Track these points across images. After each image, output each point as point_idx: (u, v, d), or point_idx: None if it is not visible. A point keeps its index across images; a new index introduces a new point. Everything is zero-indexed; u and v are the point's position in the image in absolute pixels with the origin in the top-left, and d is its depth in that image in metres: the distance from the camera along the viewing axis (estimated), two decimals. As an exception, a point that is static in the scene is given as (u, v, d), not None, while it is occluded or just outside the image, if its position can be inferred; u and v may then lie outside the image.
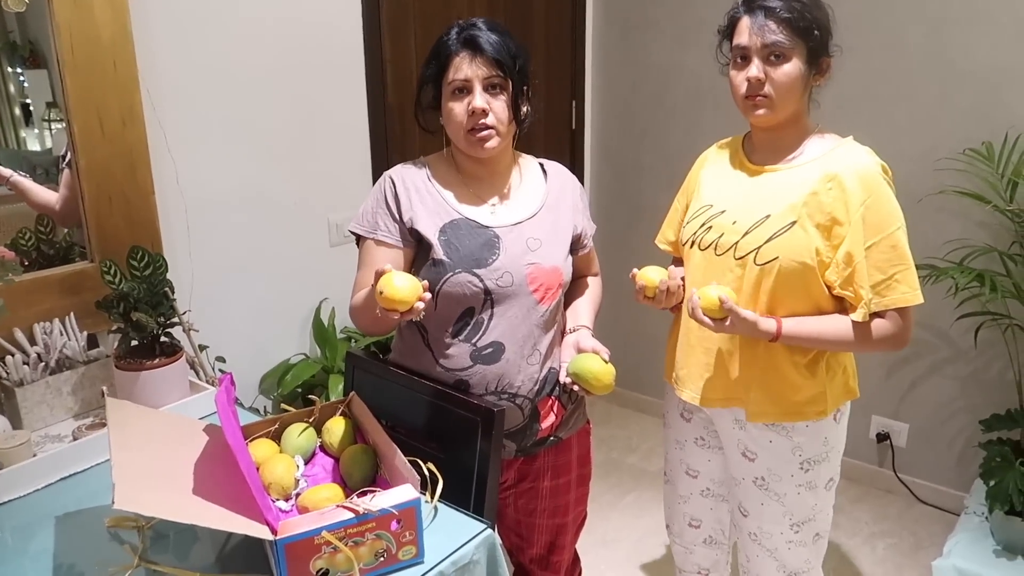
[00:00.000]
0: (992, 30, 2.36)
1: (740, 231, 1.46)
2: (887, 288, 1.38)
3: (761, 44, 1.37)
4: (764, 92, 1.39)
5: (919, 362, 2.71)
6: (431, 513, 1.26)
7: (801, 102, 1.43)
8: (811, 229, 1.39)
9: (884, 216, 1.37)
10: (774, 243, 1.41)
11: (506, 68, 1.38)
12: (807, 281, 1.41)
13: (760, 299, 1.44)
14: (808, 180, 1.41)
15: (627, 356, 3.35)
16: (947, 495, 2.74)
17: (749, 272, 1.44)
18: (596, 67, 3.27)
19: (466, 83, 1.38)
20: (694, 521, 1.77)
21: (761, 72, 1.38)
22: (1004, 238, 2.38)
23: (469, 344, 1.44)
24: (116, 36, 1.69)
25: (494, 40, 1.38)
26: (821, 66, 1.42)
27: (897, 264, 1.37)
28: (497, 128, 1.40)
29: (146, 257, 1.65)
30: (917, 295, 1.39)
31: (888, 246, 1.37)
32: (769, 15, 1.36)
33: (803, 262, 1.40)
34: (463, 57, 1.37)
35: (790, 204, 1.41)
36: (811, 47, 1.37)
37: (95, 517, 1.29)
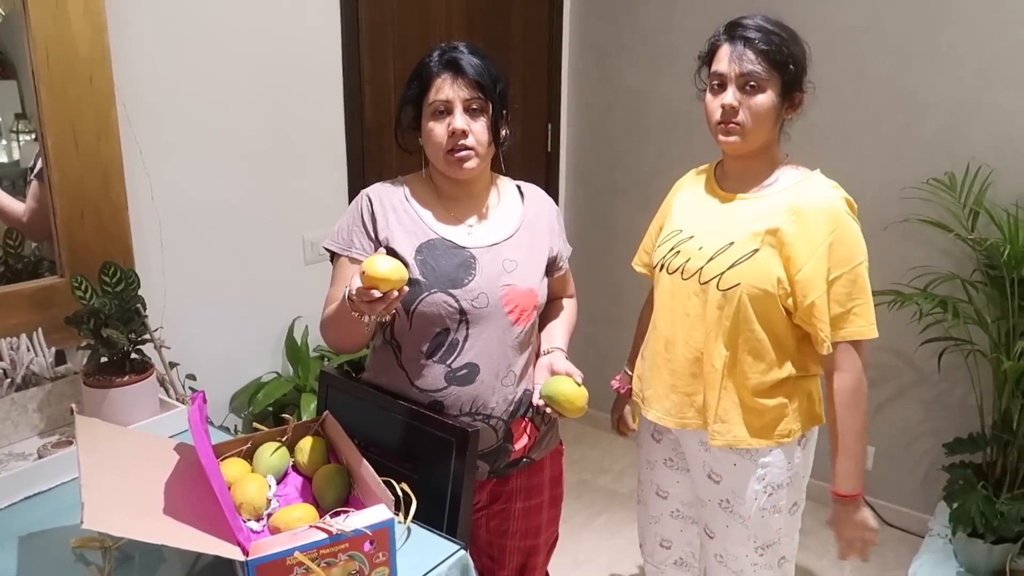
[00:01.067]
0: (953, 64, 2.44)
1: (705, 256, 1.49)
2: (844, 320, 1.42)
3: (738, 73, 1.40)
4: (737, 120, 1.42)
5: (885, 386, 2.76)
6: (404, 534, 1.26)
7: (772, 133, 1.47)
8: (773, 258, 1.42)
9: (848, 251, 1.41)
10: (736, 269, 1.44)
11: (487, 91, 1.40)
12: (767, 308, 1.44)
13: (722, 324, 1.47)
14: (773, 210, 1.44)
15: (600, 377, 3.36)
16: (912, 517, 2.78)
17: (712, 297, 1.47)
18: (572, 91, 3.32)
19: (447, 104, 1.39)
20: (665, 542, 1.78)
21: (736, 100, 1.41)
22: (966, 265, 2.44)
23: (444, 365, 1.44)
24: (94, 51, 1.68)
25: (476, 63, 1.40)
26: (794, 100, 1.45)
27: (856, 298, 1.41)
28: (476, 150, 1.41)
29: (118, 273, 1.63)
30: (872, 329, 1.43)
31: (849, 280, 1.41)
32: (748, 45, 1.40)
33: (764, 289, 1.43)
34: (445, 79, 1.39)
35: (753, 232, 1.44)
36: (786, 80, 1.41)
37: (60, 537, 1.26)
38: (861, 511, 1.50)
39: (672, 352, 1.55)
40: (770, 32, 1.40)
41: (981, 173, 2.38)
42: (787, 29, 1.44)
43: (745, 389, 1.48)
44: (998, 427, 2.32)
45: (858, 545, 1.51)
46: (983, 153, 2.42)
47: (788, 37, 1.42)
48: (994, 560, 2.25)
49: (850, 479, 1.47)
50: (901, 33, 2.51)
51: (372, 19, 2.42)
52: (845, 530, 1.50)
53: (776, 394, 1.49)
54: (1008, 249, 2.16)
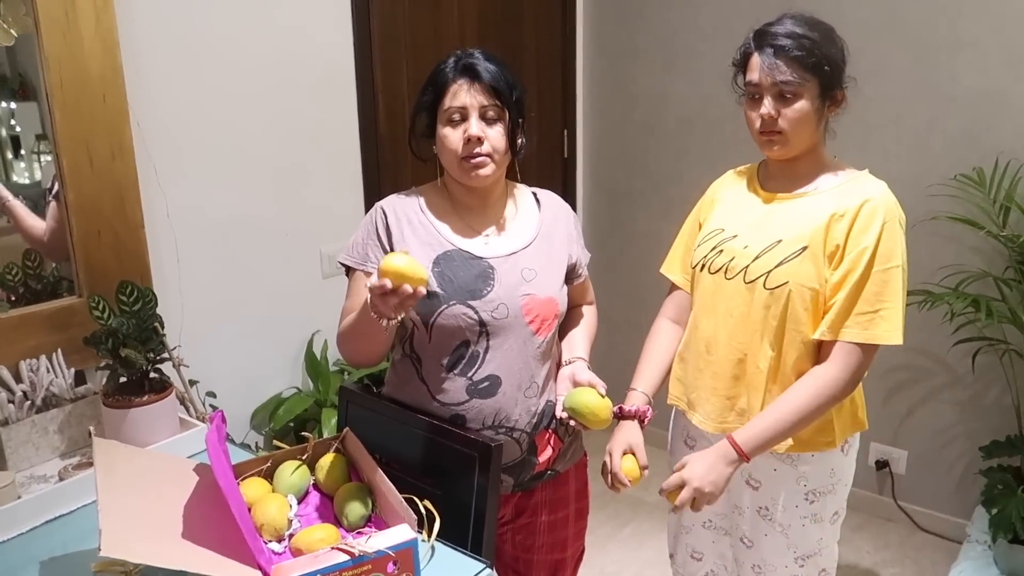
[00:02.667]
0: (978, 56, 2.38)
1: (751, 255, 1.45)
2: (869, 321, 1.36)
3: (771, 83, 1.36)
4: (777, 128, 1.39)
5: (917, 388, 2.70)
6: (428, 553, 1.23)
7: (816, 134, 1.43)
8: (820, 257, 1.39)
9: (891, 248, 1.36)
10: (784, 268, 1.40)
11: (503, 97, 1.37)
12: (814, 307, 1.40)
13: (768, 324, 1.43)
14: (822, 210, 1.40)
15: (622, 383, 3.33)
16: (948, 523, 2.71)
17: (758, 296, 1.43)
18: (587, 96, 3.29)
19: (462, 110, 1.37)
20: (696, 553, 1.74)
21: (773, 110, 1.38)
22: (998, 263, 2.38)
23: (465, 378, 1.41)
24: (106, 70, 1.68)
25: (492, 69, 1.38)
26: (835, 98, 1.41)
27: (886, 300, 1.36)
28: (492, 156, 1.38)
29: (135, 292, 1.62)
30: (898, 335, 1.37)
31: (882, 280, 1.36)
32: (779, 54, 1.35)
33: (812, 288, 1.39)
34: (461, 84, 1.37)
35: (802, 231, 1.41)
36: (823, 82, 1.37)
37: (81, 561, 1.25)
38: (731, 469, 1.39)
39: (714, 354, 1.51)
40: (800, 37, 1.35)
41: (1011, 167, 2.32)
42: (819, 27, 1.39)
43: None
44: (1036, 428, 2.25)
45: (696, 485, 1.38)
46: (1012, 146, 2.35)
47: (821, 37, 1.37)
48: (1037, 566, 2.18)
49: (755, 441, 1.38)
50: (922, 26, 2.45)
51: (384, 30, 2.41)
52: (703, 469, 1.39)
53: None
54: (1042, 245, 2.10)
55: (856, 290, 1.36)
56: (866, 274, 1.35)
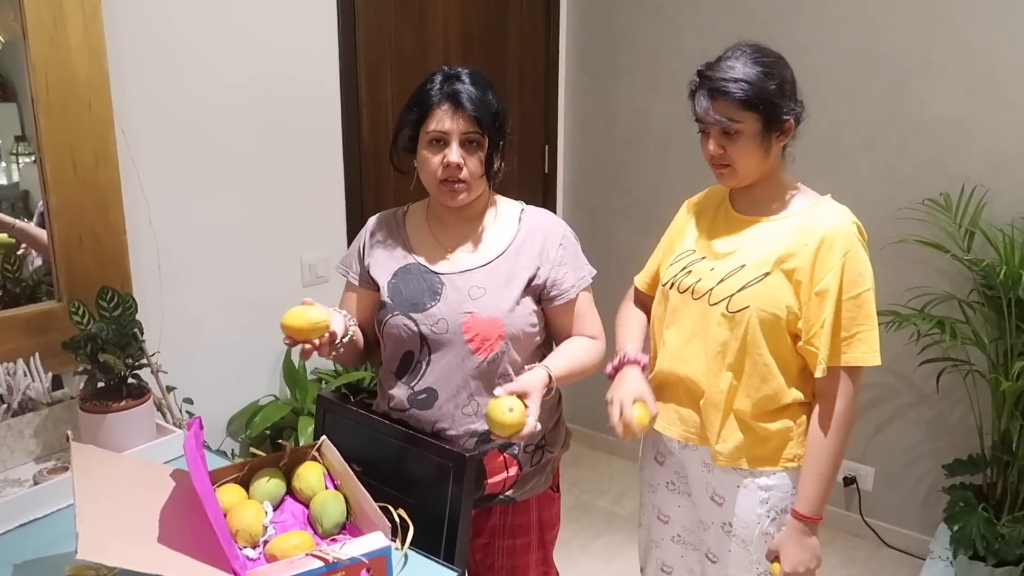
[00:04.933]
0: (947, 83, 2.46)
1: (716, 278, 1.49)
2: (847, 345, 1.41)
3: (711, 122, 1.41)
4: (724, 162, 1.43)
5: (884, 406, 2.76)
6: (401, 560, 1.25)
7: (768, 162, 1.45)
8: (783, 282, 1.42)
9: (857, 275, 1.40)
10: (746, 292, 1.44)
11: (485, 125, 1.40)
12: (775, 332, 1.44)
13: (730, 346, 1.47)
14: (786, 234, 1.44)
15: (598, 397, 3.35)
16: (913, 539, 2.76)
17: (721, 319, 1.47)
18: (568, 113, 3.34)
19: (444, 135, 1.40)
20: (666, 567, 1.76)
21: (718, 146, 1.42)
22: (963, 286, 2.45)
23: (407, 387, 1.46)
24: (92, 76, 1.70)
25: (476, 96, 1.39)
26: (783, 128, 1.43)
27: (861, 324, 1.40)
28: (469, 183, 1.42)
29: (116, 297, 1.63)
30: (875, 356, 1.41)
31: (855, 305, 1.40)
32: (715, 96, 1.39)
33: (773, 313, 1.42)
34: (445, 110, 1.39)
35: (765, 256, 1.44)
36: (762, 118, 1.39)
37: (55, 565, 1.25)
38: (814, 537, 1.46)
39: (678, 370, 1.55)
40: (737, 79, 1.37)
41: (976, 193, 2.39)
42: (761, 61, 1.40)
43: (749, 413, 1.48)
44: (998, 448, 2.31)
45: (800, 571, 1.46)
46: (978, 173, 2.43)
47: (761, 73, 1.38)
48: (996, 582, 2.24)
49: (815, 501, 1.44)
50: (897, 53, 2.53)
51: (369, 42, 2.44)
52: (794, 551, 1.45)
53: (781, 417, 1.48)
54: (1004, 269, 2.16)
55: (835, 324, 1.40)
56: (837, 309, 1.39)
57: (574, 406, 3.55)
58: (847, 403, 1.43)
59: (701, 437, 1.53)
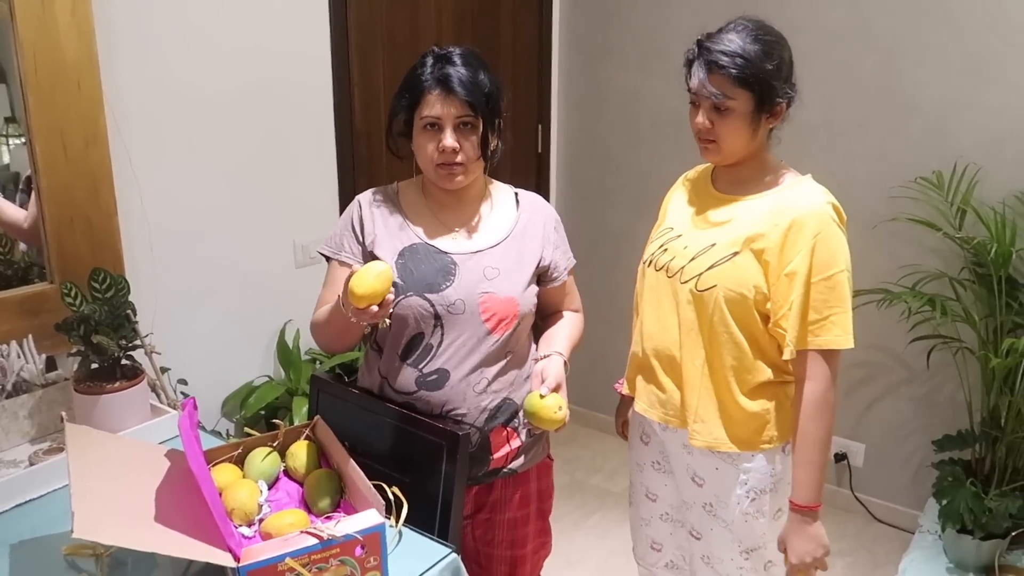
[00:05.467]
0: (941, 63, 2.45)
1: (688, 256, 1.49)
2: (820, 328, 1.39)
3: (704, 95, 1.40)
4: (711, 137, 1.43)
5: (875, 384, 2.78)
6: (396, 538, 1.26)
7: (755, 142, 1.45)
8: (752, 262, 1.42)
9: (830, 256, 1.38)
10: (714, 271, 1.44)
11: (477, 108, 1.39)
12: (744, 311, 1.44)
13: (700, 324, 1.47)
14: (758, 214, 1.44)
15: (591, 377, 3.38)
16: (902, 514, 2.80)
17: (691, 297, 1.47)
18: (562, 92, 3.33)
19: (438, 120, 1.39)
20: (656, 544, 1.79)
21: (706, 120, 1.41)
22: (954, 264, 2.46)
23: (415, 369, 1.46)
24: (81, 57, 1.68)
25: (467, 79, 1.38)
26: (774, 110, 1.42)
27: (834, 306, 1.39)
28: (466, 165, 1.42)
29: (108, 279, 1.63)
30: (848, 339, 1.40)
31: (828, 287, 1.38)
32: (711, 69, 1.37)
33: (740, 292, 1.42)
34: (437, 95, 1.38)
35: (736, 236, 1.44)
36: (755, 97, 1.38)
37: (51, 545, 1.26)
38: (817, 525, 1.45)
39: (655, 348, 1.56)
40: (735, 54, 1.36)
41: (968, 171, 2.40)
42: (763, 39, 1.39)
43: (724, 391, 1.48)
44: (986, 424, 2.34)
45: (808, 560, 1.44)
46: (970, 151, 2.43)
47: (760, 52, 1.37)
48: (983, 556, 2.27)
49: (810, 489, 1.43)
50: (889, 33, 2.52)
51: (361, 23, 2.42)
52: (798, 543, 1.45)
53: (757, 398, 1.48)
54: (995, 247, 2.18)
55: (803, 306, 1.39)
56: (807, 291, 1.38)
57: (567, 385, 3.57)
58: (824, 386, 1.41)
59: (680, 419, 1.54)
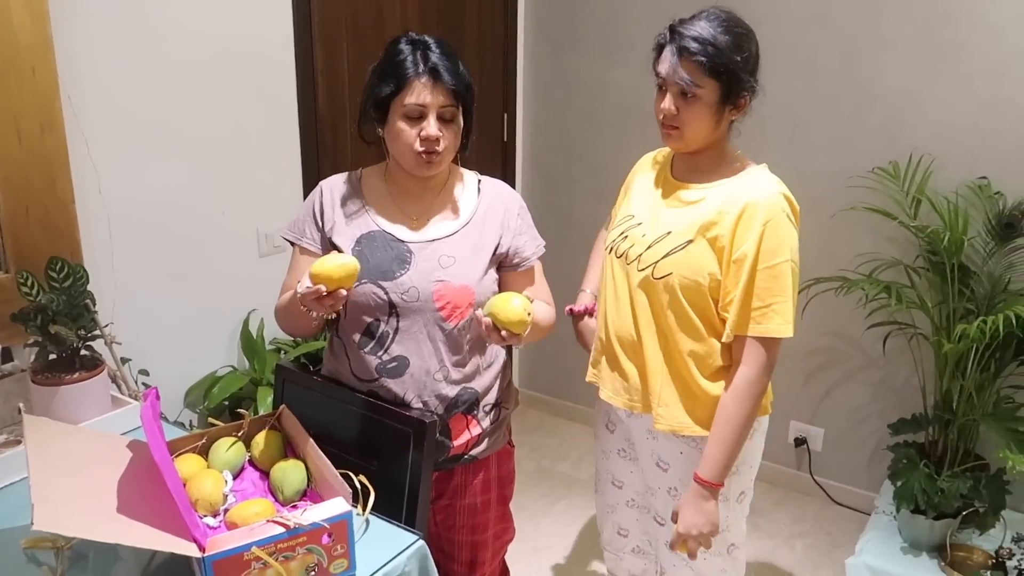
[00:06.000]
0: (897, 56, 2.50)
1: (646, 243, 1.52)
2: (762, 316, 1.42)
3: (672, 81, 1.41)
4: (675, 123, 1.44)
5: (833, 369, 2.84)
6: (363, 525, 1.27)
7: (715, 132, 1.47)
8: (706, 250, 1.44)
9: (776, 245, 1.40)
10: (669, 259, 1.47)
11: (461, 98, 1.41)
12: (699, 298, 1.46)
13: (656, 311, 1.50)
14: (712, 203, 1.46)
15: (556, 364, 3.40)
16: (859, 496, 2.87)
17: (647, 284, 1.50)
18: (527, 81, 3.33)
19: (423, 109, 1.39)
20: (622, 530, 1.81)
21: (672, 106, 1.43)
22: (910, 252, 2.52)
23: (375, 356, 1.47)
24: (35, 42, 1.64)
25: (451, 68, 1.39)
26: (738, 103, 1.44)
27: (777, 295, 1.41)
28: (443, 155, 1.43)
29: (66, 268, 1.60)
30: (788, 328, 1.42)
31: (772, 275, 1.40)
32: (682, 55, 1.39)
33: (695, 280, 1.45)
34: (424, 83, 1.38)
35: (690, 223, 1.47)
36: (722, 88, 1.40)
37: (10, 538, 1.24)
38: (713, 502, 1.47)
39: (616, 334, 1.58)
40: (706, 42, 1.37)
41: (924, 162, 2.46)
42: (733, 31, 1.41)
43: (685, 376, 1.51)
44: (940, 407, 2.41)
45: (695, 533, 1.47)
46: (926, 142, 2.49)
47: (730, 43, 1.39)
48: (936, 535, 2.35)
49: (716, 467, 1.45)
50: (847, 25, 2.56)
51: (325, 10, 2.39)
52: (690, 514, 1.47)
53: (718, 380, 1.51)
54: (948, 235, 2.24)
55: (747, 293, 1.41)
56: (751, 278, 1.41)
57: (533, 373, 3.59)
58: (756, 372, 1.43)
59: (644, 404, 1.57)
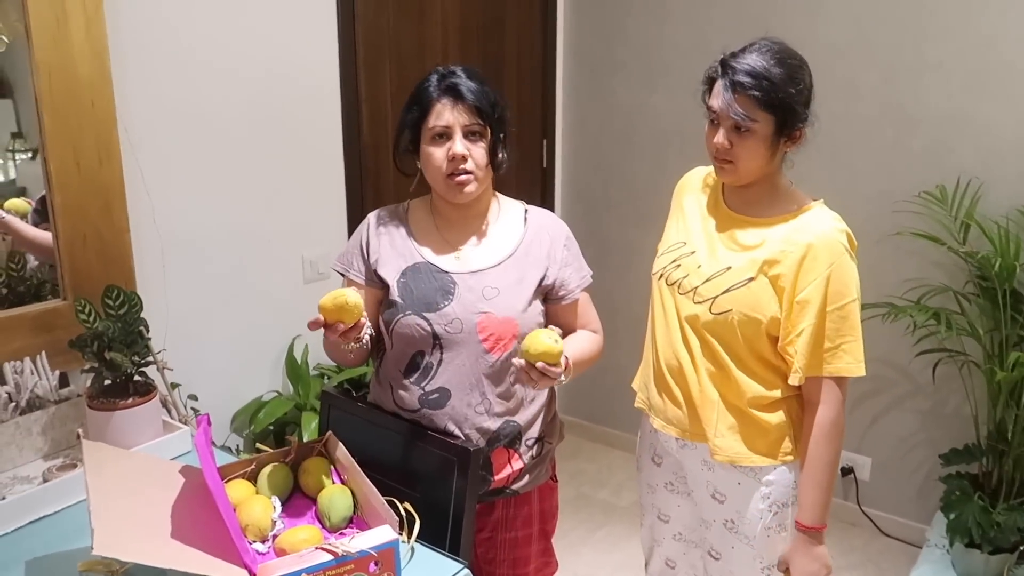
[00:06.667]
0: (941, 79, 2.47)
1: (703, 276, 1.49)
2: (832, 356, 1.41)
3: (726, 115, 1.39)
4: (729, 158, 1.42)
5: (880, 397, 2.78)
6: (408, 553, 1.27)
7: (770, 165, 1.46)
8: (767, 288, 1.43)
9: (843, 286, 1.40)
10: (730, 295, 1.45)
11: (486, 115, 1.42)
12: (756, 334, 1.45)
13: (713, 344, 1.48)
14: (773, 240, 1.44)
15: (596, 390, 3.38)
16: (909, 527, 2.80)
17: (705, 318, 1.48)
18: (566, 107, 3.35)
19: (447, 129, 1.41)
20: (670, 561, 1.78)
21: (727, 140, 1.41)
22: (958, 277, 2.47)
23: (418, 387, 1.47)
24: (95, 75, 1.71)
25: (474, 87, 1.42)
26: (793, 135, 1.42)
27: (846, 335, 1.41)
28: (476, 174, 1.43)
29: (121, 296, 1.64)
30: (860, 367, 1.42)
31: (840, 316, 1.40)
32: (736, 89, 1.37)
33: (755, 318, 1.43)
34: (445, 104, 1.41)
35: (752, 260, 1.45)
36: (778, 121, 1.39)
37: (66, 561, 1.27)
38: (822, 546, 1.48)
39: (667, 363, 1.56)
40: (760, 76, 1.36)
41: (972, 186, 2.42)
42: (786, 63, 1.39)
43: (740, 407, 1.49)
44: (993, 437, 2.34)
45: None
46: (972, 166, 2.45)
47: (784, 76, 1.37)
48: (992, 570, 2.27)
49: (817, 510, 1.46)
50: (889, 48, 2.54)
51: (368, 39, 2.45)
52: (803, 562, 1.48)
53: (774, 411, 1.49)
54: (999, 261, 2.19)
55: (817, 335, 1.40)
56: (820, 320, 1.40)
57: (572, 399, 3.57)
58: (835, 412, 1.44)
59: (699, 434, 1.55)
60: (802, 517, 1.47)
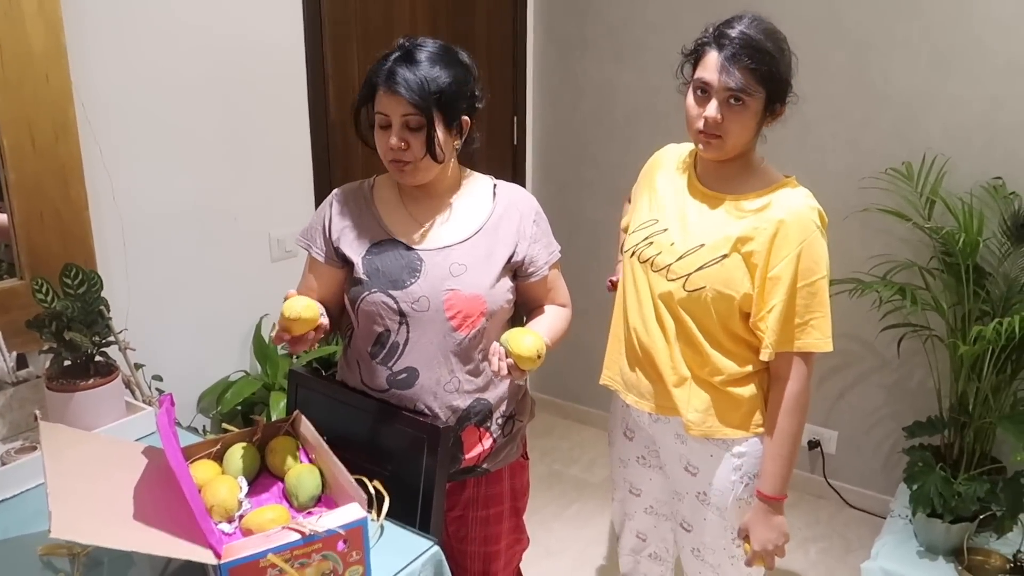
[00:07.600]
0: (909, 56, 2.49)
1: (676, 253, 1.49)
2: (800, 331, 1.43)
3: (723, 87, 1.37)
4: (717, 132, 1.40)
5: (847, 371, 2.83)
6: (378, 532, 1.27)
7: (751, 141, 1.46)
8: (740, 265, 1.43)
9: (813, 263, 1.41)
10: (704, 272, 1.45)
11: (422, 108, 1.35)
12: (730, 312, 1.46)
13: (686, 320, 1.49)
14: (746, 216, 1.45)
15: (568, 368, 3.39)
16: (874, 499, 2.85)
17: (678, 295, 1.48)
18: (537, 84, 3.32)
19: (386, 118, 1.38)
20: (640, 534, 1.80)
21: (719, 113, 1.38)
22: (924, 253, 2.51)
23: (386, 367, 1.46)
24: (49, 49, 1.65)
25: (412, 79, 1.34)
26: (775, 111, 1.42)
27: (815, 311, 1.42)
28: (415, 163, 1.40)
29: (80, 275, 1.60)
30: (828, 343, 1.45)
31: (810, 292, 1.41)
32: (737, 61, 1.35)
33: (728, 294, 1.44)
34: (384, 92, 1.37)
35: (725, 237, 1.45)
36: (769, 95, 1.38)
37: (26, 545, 1.25)
38: (781, 516, 1.51)
39: (641, 341, 1.57)
40: (757, 48, 1.35)
41: (937, 162, 2.44)
42: (774, 37, 1.39)
43: (713, 382, 1.50)
44: (955, 410, 2.39)
45: (770, 548, 1.51)
46: (938, 143, 2.48)
47: (776, 50, 1.37)
48: (952, 539, 2.32)
49: (778, 481, 1.49)
50: (859, 26, 2.55)
51: (335, 14, 2.40)
52: (762, 530, 1.51)
53: (745, 384, 1.50)
54: (963, 237, 2.21)
55: (787, 311, 1.42)
56: (791, 296, 1.41)
57: (544, 377, 3.58)
58: (801, 386, 1.46)
59: (671, 408, 1.56)
60: (763, 487, 1.50)
